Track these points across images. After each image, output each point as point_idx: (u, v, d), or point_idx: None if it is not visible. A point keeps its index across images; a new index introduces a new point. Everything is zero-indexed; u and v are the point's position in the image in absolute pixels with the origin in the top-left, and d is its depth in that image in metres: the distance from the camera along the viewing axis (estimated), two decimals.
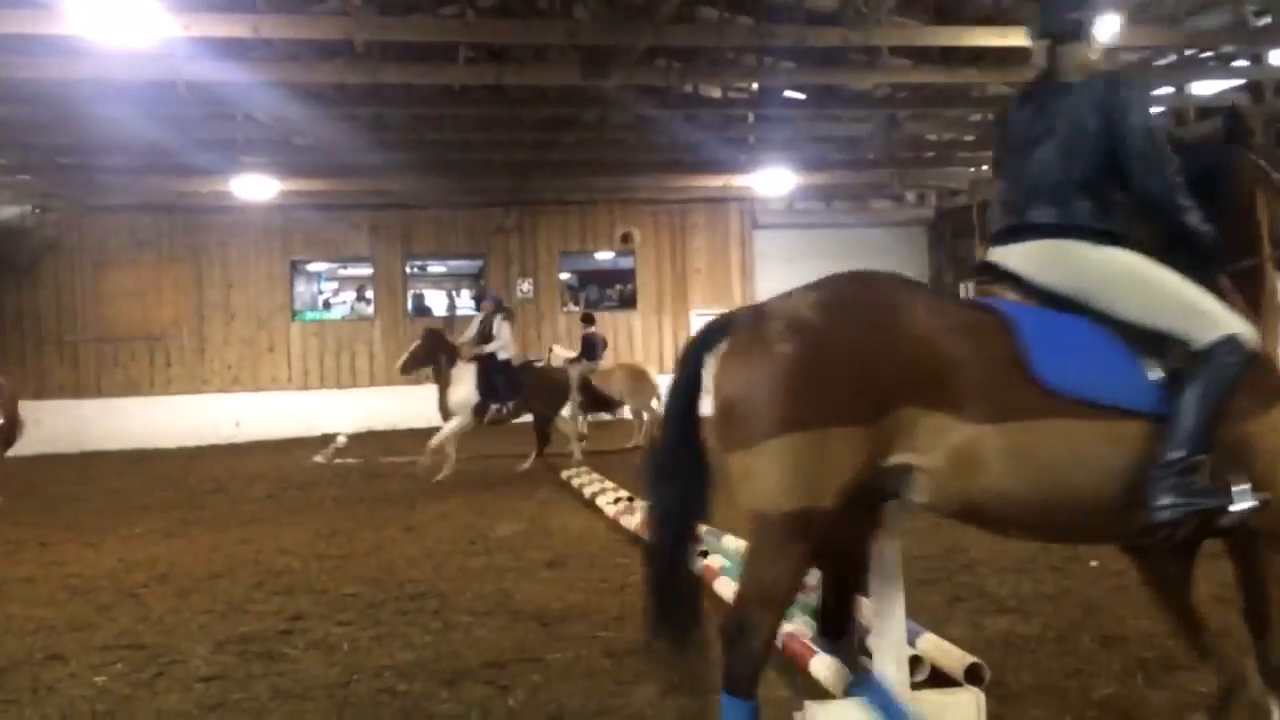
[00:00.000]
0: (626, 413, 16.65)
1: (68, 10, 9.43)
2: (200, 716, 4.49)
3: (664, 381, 18.12)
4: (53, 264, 19.98)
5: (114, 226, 20.07)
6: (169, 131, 14.85)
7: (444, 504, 10.62)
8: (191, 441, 19.31)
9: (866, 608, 4.14)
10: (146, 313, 20.23)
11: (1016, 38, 12.38)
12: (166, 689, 4.90)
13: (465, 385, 12.80)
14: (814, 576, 5.99)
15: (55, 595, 7.04)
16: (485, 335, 13.29)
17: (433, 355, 12.95)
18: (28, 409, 19.36)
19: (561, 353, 15.88)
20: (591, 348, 16.06)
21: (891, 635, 3.87)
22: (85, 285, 20.10)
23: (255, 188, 17.76)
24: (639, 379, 15.81)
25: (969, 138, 19.40)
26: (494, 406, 12.93)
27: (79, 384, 20.02)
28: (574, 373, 14.43)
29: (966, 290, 21.67)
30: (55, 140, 16.21)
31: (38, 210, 20.05)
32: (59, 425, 19.28)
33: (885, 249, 22.28)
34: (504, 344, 12.98)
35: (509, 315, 13.67)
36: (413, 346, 13.29)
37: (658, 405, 15.16)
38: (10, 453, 18.79)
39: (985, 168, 20.82)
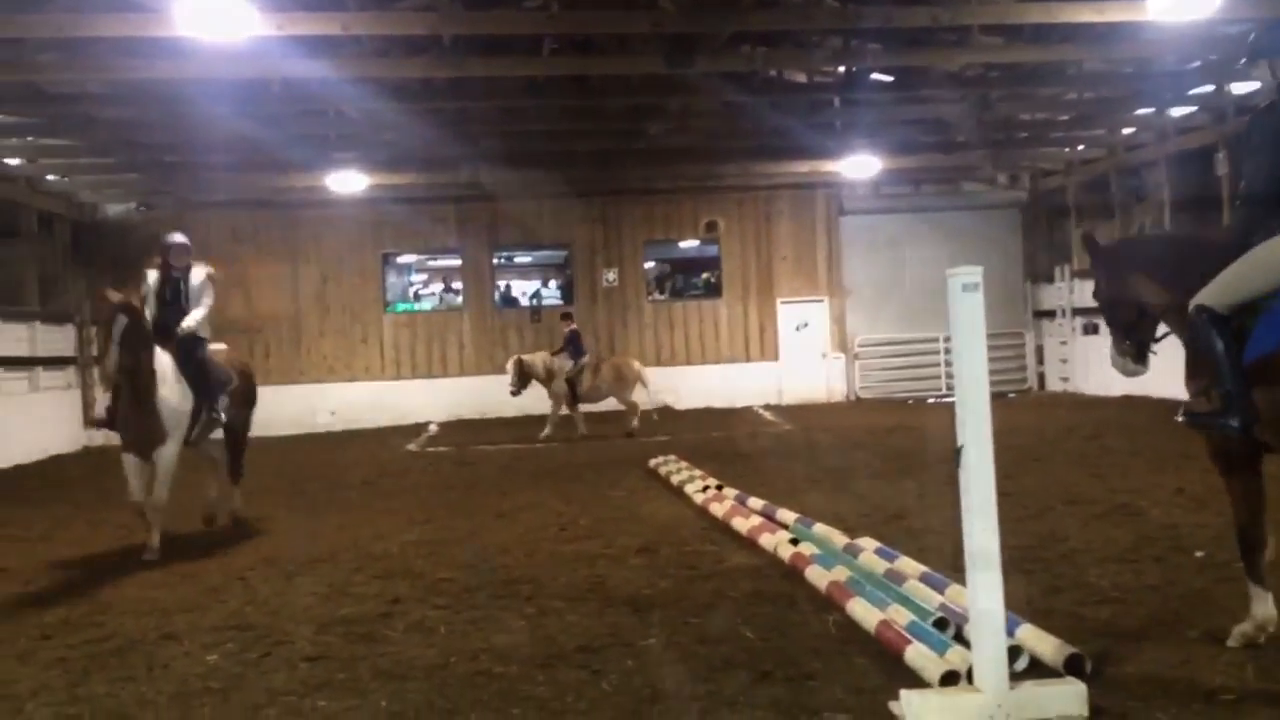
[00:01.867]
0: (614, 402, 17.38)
1: (174, 12, 9.76)
2: (306, 695, 4.64)
3: (746, 371, 18.33)
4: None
5: (215, 222, 20.67)
6: (265, 129, 15.27)
7: (534, 492, 10.75)
8: (290, 430, 19.83)
9: (964, 596, 4.10)
10: (246, 306, 20.85)
11: (1113, 13, 12.00)
12: (274, 668, 5.08)
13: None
14: (908, 564, 5.95)
15: (167, 578, 7.33)
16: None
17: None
18: None
19: (546, 359, 17.11)
20: (576, 345, 17.07)
21: (990, 624, 3.82)
22: None
23: (347, 182, 18.19)
24: (623, 373, 17.03)
25: (1064, 117, 18.82)
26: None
27: None
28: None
29: (1063, 274, 21.15)
30: (160, 139, 16.79)
31: (143, 208, 20.81)
32: None
33: (977, 232, 21.82)
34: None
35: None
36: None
37: (644, 395, 16.76)
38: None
39: (1081, 148, 20.26)
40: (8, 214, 17.36)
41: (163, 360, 8.51)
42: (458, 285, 22.33)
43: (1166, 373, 18.62)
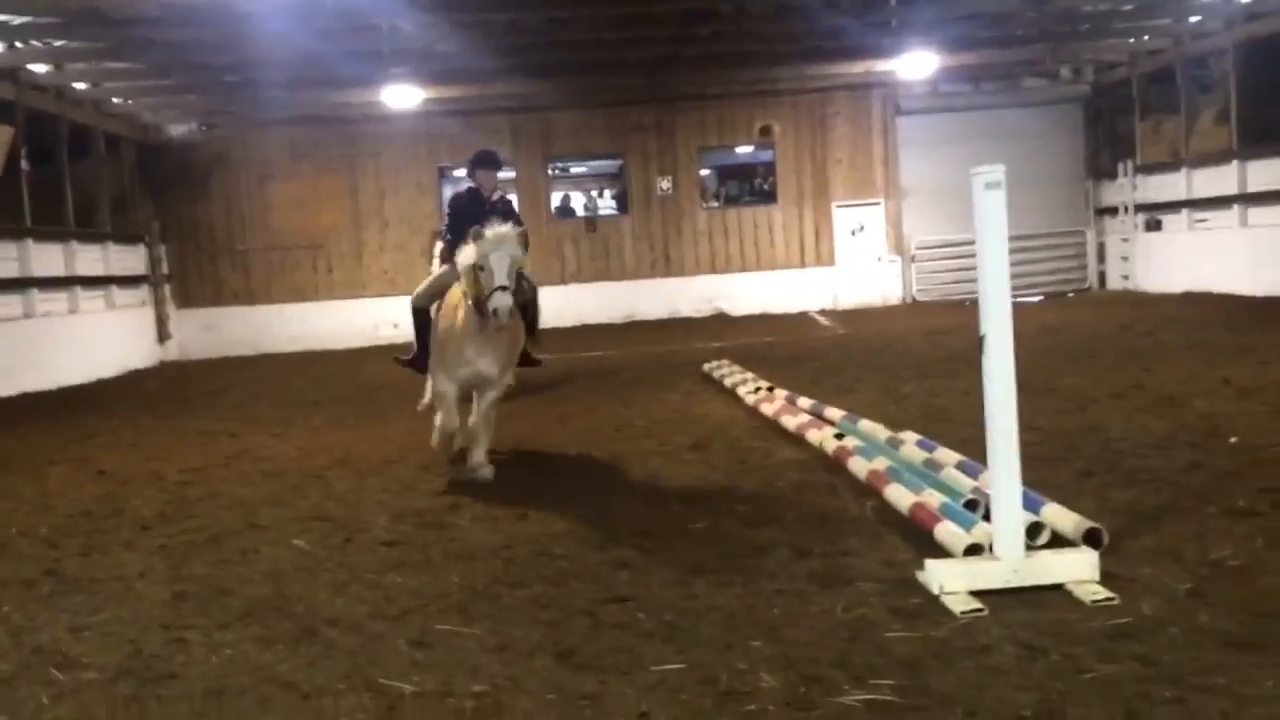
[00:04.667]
0: None
1: None
2: (384, 573, 5.09)
3: (801, 277, 18.25)
4: (221, 178, 21.25)
5: (275, 140, 21.14)
6: (321, 45, 15.52)
7: (592, 397, 11.14)
8: (355, 343, 20.50)
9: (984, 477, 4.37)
10: (307, 221, 21.36)
11: None
12: (355, 552, 5.55)
13: None
14: (946, 454, 6.22)
15: (250, 478, 7.86)
16: None
17: None
18: (208, 315, 21.04)
19: None
20: None
21: (1008, 497, 4.09)
22: (251, 197, 21.34)
23: (402, 97, 18.43)
24: None
25: (1127, 7, 18.26)
26: None
27: (251, 291, 21.42)
28: None
29: (1126, 170, 20.76)
30: (218, 59, 17.13)
31: (204, 128, 21.30)
32: (236, 330, 20.81)
33: (1038, 129, 21.47)
34: None
35: None
36: None
37: None
38: (198, 355, 20.42)
39: (1146, 38, 19.70)
40: (77, 137, 17.92)
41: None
42: (512, 197, 22.56)
43: (1227, 268, 18.53)
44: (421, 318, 7.76)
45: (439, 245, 10.24)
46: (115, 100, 19.21)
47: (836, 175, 22.06)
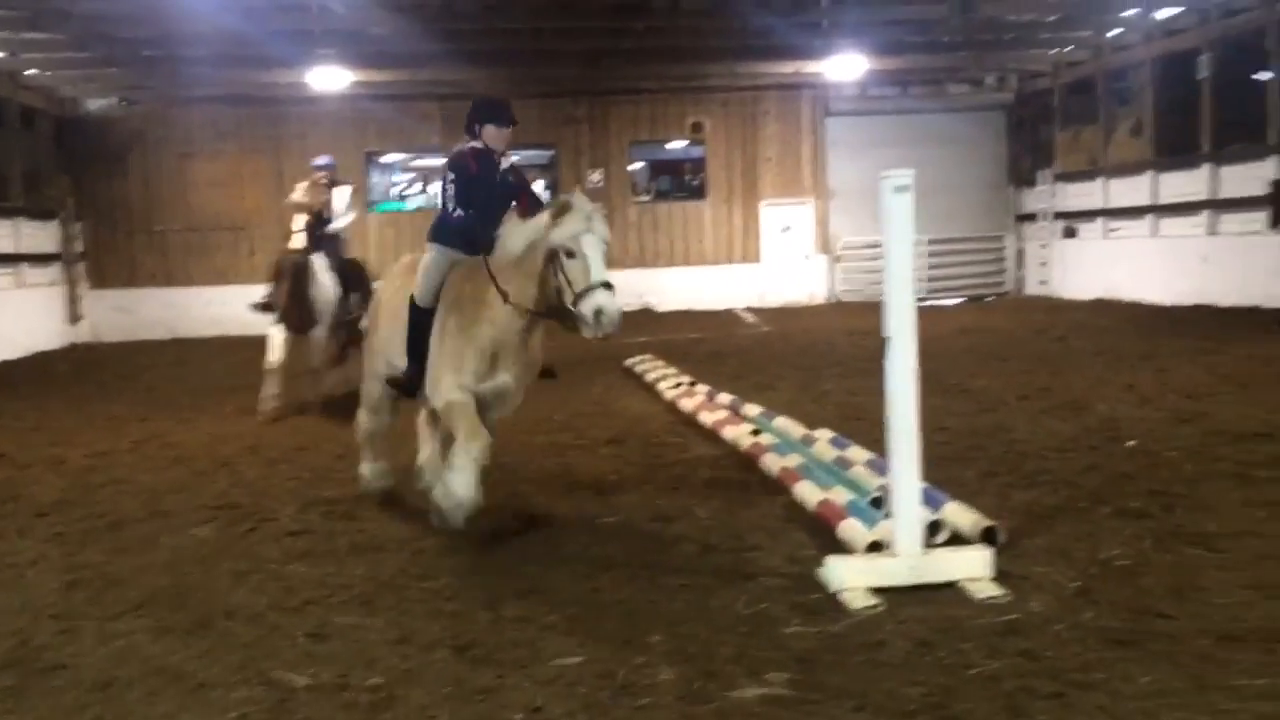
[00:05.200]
0: None
1: None
2: (287, 562, 5.03)
3: (729, 273, 18.16)
4: (140, 155, 20.66)
5: (198, 118, 20.61)
6: (247, 23, 15.18)
7: None
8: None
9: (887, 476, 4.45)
10: (230, 203, 20.87)
11: None
12: (259, 541, 5.46)
13: None
14: (857, 452, 6.31)
15: (157, 464, 7.68)
16: None
17: None
18: (122, 296, 20.45)
19: None
20: None
21: (906, 496, 4.18)
22: (171, 176, 20.79)
23: (330, 79, 18.11)
24: None
25: (1050, 18, 18.73)
26: None
27: (168, 272, 20.87)
28: None
29: (1046, 177, 21.28)
30: (141, 33, 16.64)
31: (124, 103, 20.70)
32: (151, 312, 20.27)
33: (963, 135, 21.88)
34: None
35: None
36: None
37: None
38: (111, 338, 19.85)
39: (1069, 49, 20.18)
40: None
41: (318, 259, 10.04)
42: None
43: (1139, 276, 19.02)
44: (426, 319, 5.59)
45: (300, 221, 10.34)
46: (31, 72, 18.57)
47: (765, 174, 22.23)
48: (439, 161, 22.03)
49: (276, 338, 10.11)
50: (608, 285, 4.88)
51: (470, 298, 5.36)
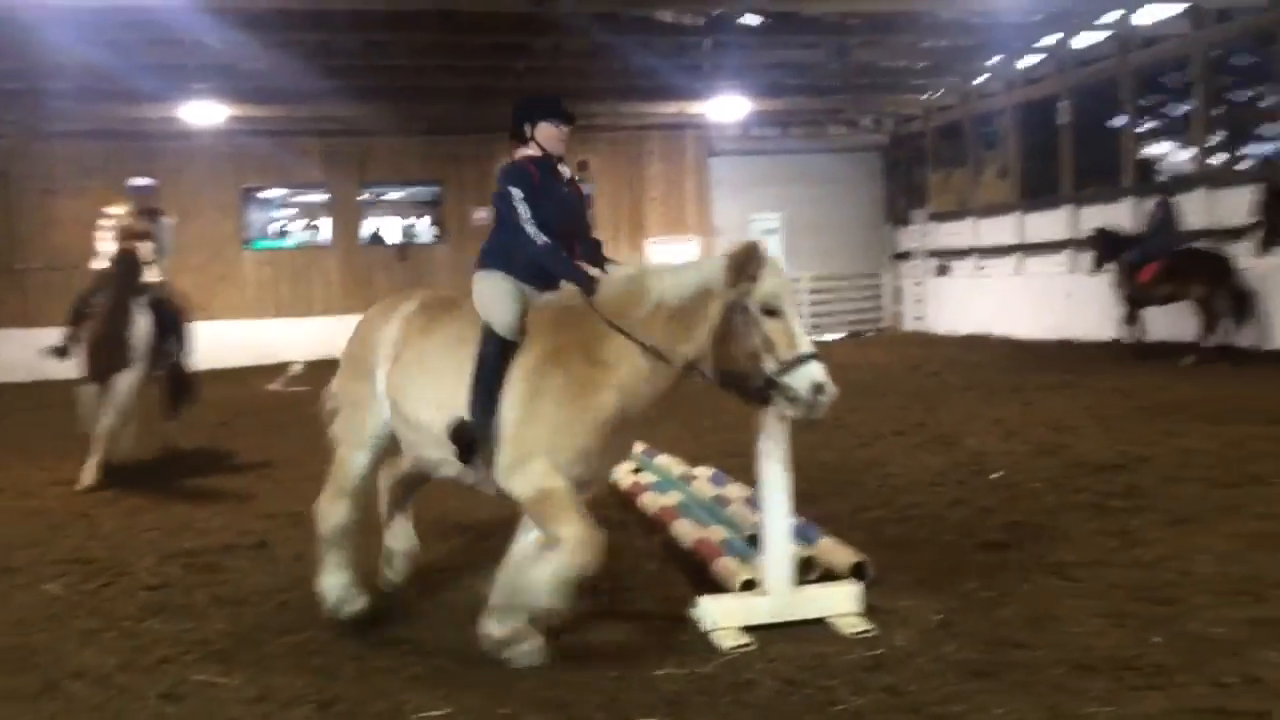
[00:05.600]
0: None
1: None
2: (143, 619, 4.79)
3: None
4: (1, 191, 19.76)
5: (62, 153, 19.81)
6: (114, 57, 14.69)
7: None
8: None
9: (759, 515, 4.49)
10: (96, 241, 20.08)
11: None
12: (113, 597, 5.20)
13: None
14: (736, 490, 6.37)
15: (9, 515, 7.28)
16: None
17: None
18: None
19: None
20: None
21: (777, 535, 4.22)
22: (33, 213, 19.90)
23: (204, 114, 17.66)
24: None
25: (921, 64, 19.54)
26: None
27: (28, 313, 19.89)
28: None
29: (919, 217, 22.03)
30: (1, 66, 15.97)
31: None
32: (12, 354, 19.23)
33: (842, 175, 22.53)
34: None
35: None
36: None
37: None
38: None
39: (940, 93, 21.01)
40: None
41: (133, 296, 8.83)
42: (317, 222, 21.97)
43: (1006, 312, 19.67)
44: (508, 355, 4.34)
45: (109, 242, 9.18)
46: None
47: (651, 212, 22.46)
48: (321, 198, 21.72)
49: (87, 398, 8.82)
50: (818, 358, 3.99)
51: (576, 354, 4.23)
